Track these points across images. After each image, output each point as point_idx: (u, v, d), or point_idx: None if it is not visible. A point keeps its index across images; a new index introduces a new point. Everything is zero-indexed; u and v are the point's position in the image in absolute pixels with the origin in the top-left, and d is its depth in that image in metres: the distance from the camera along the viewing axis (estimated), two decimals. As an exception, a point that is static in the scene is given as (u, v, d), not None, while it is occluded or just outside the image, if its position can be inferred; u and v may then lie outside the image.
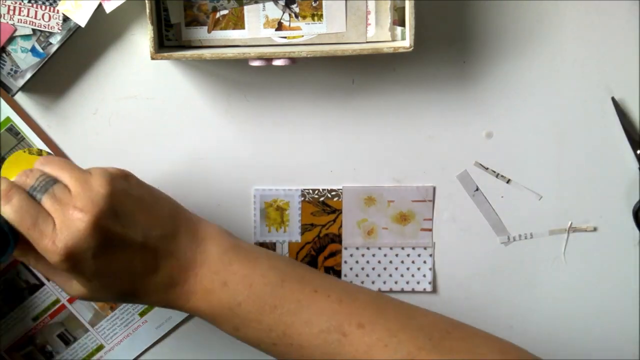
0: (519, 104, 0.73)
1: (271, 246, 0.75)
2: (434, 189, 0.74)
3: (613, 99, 0.72)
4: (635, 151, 0.73)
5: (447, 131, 0.73)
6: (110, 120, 0.72)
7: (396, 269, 0.75)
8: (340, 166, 0.74)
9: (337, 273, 0.75)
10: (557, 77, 0.72)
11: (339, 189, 0.74)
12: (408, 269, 0.75)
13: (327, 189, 0.74)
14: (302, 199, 0.74)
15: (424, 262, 0.75)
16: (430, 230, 0.75)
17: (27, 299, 0.75)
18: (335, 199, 0.74)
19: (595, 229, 0.76)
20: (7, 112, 0.71)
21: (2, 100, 0.71)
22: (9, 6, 0.67)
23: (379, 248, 0.75)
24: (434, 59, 0.72)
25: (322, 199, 0.74)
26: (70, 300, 0.75)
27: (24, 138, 0.72)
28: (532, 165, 0.74)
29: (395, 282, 0.75)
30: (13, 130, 0.72)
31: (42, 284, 0.75)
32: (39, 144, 0.72)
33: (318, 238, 0.75)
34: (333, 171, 0.74)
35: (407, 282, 0.75)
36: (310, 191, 0.74)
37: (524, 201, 0.75)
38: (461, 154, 0.74)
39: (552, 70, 0.72)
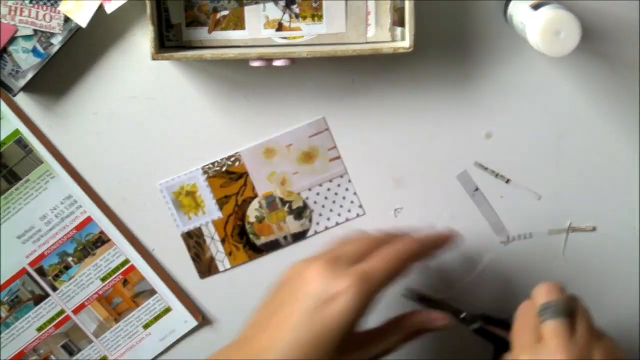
0: (519, 104, 0.73)
1: (197, 232, 0.74)
2: (324, 118, 0.73)
3: None
4: None
5: (447, 131, 0.73)
6: (111, 120, 0.72)
7: (323, 206, 0.75)
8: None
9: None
10: (557, 77, 0.72)
11: (236, 153, 0.73)
12: (334, 202, 0.75)
13: (226, 157, 0.73)
14: (206, 175, 0.73)
15: (346, 189, 0.74)
16: (339, 157, 0.74)
17: (32, 309, 0.75)
18: (237, 164, 0.73)
19: (594, 229, 0.76)
20: (16, 124, 0.71)
21: (11, 111, 0.71)
22: (10, 6, 0.67)
23: (298, 193, 0.75)
24: (434, 59, 0.72)
25: (224, 168, 0.73)
26: (75, 311, 0.75)
27: (32, 150, 0.72)
28: (532, 165, 0.74)
29: (328, 219, 0.75)
30: (21, 143, 0.72)
31: (48, 295, 0.75)
32: (47, 157, 0.72)
33: (237, 207, 0.74)
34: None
35: (339, 215, 0.75)
36: (211, 165, 0.73)
37: (524, 201, 0.75)
38: (461, 154, 0.74)
39: (552, 70, 0.72)
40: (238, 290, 0.76)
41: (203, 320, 0.76)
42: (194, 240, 0.74)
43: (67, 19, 0.67)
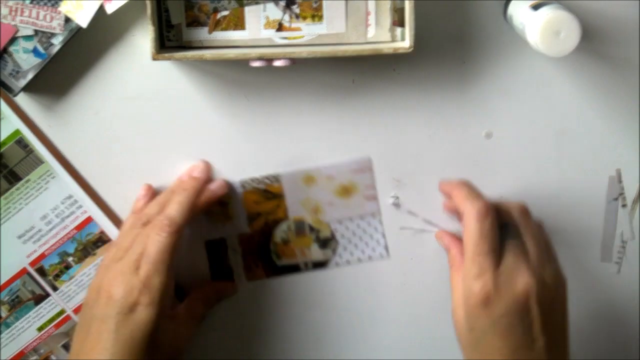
0: (519, 104, 0.73)
1: (221, 242, 0.75)
2: (370, 158, 0.74)
3: None
4: None
5: (447, 131, 0.74)
6: (112, 120, 0.72)
7: (349, 241, 0.75)
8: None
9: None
10: (557, 77, 0.72)
11: (277, 174, 0.74)
12: (361, 239, 0.75)
13: (265, 175, 0.73)
14: (243, 189, 0.74)
15: (375, 229, 0.75)
16: (375, 198, 0.74)
17: (32, 309, 0.75)
18: (275, 184, 0.74)
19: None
20: (17, 124, 0.71)
21: (12, 112, 0.71)
22: (10, 7, 0.67)
23: (328, 224, 0.75)
24: (434, 59, 0.72)
25: (262, 186, 0.74)
26: (76, 311, 0.75)
27: (33, 151, 0.72)
28: (532, 165, 0.74)
29: (351, 254, 0.75)
30: (22, 143, 0.72)
31: (48, 295, 0.75)
32: (47, 157, 0.72)
33: (266, 225, 0.75)
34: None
35: (363, 252, 0.75)
36: (250, 180, 0.73)
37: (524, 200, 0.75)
38: (461, 154, 0.74)
39: (552, 70, 0.72)
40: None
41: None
42: (215, 250, 0.75)
43: (67, 20, 0.67)
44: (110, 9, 0.67)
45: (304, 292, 0.76)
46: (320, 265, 0.76)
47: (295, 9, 0.68)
